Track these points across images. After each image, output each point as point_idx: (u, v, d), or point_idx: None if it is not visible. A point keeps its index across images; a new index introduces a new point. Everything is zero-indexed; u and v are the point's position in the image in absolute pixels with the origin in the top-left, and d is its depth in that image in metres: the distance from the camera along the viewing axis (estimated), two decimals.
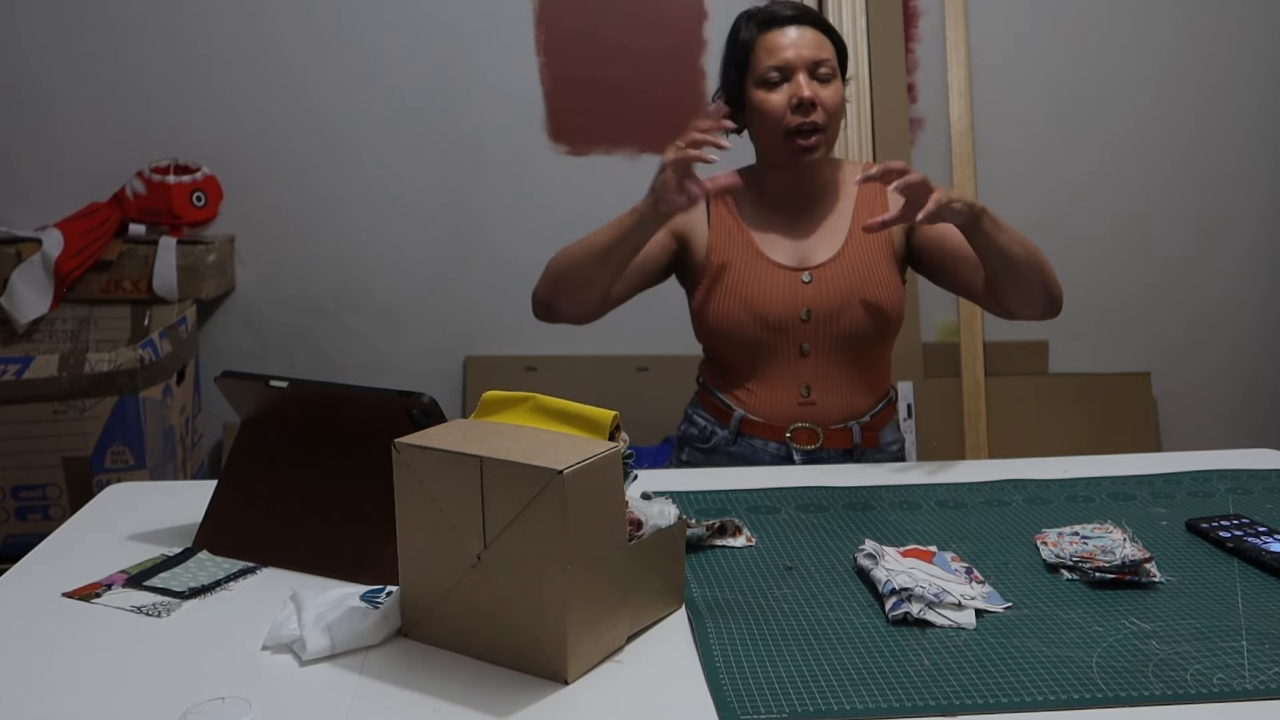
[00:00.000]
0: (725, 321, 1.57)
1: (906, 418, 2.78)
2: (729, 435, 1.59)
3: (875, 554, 1.08)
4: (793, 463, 1.56)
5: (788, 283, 1.56)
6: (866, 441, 1.58)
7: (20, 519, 2.33)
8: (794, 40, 1.51)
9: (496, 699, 0.87)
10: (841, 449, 1.57)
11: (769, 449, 1.57)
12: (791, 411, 1.56)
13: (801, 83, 1.50)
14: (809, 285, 1.55)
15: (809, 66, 1.51)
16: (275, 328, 2.85)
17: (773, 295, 1.55)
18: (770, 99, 1.52)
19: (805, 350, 1.56)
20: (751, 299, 1.56)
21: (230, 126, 2.76)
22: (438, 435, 0.96)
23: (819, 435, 1.55)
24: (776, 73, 1.51)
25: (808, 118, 1.50)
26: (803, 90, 1.49)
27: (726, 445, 1.59)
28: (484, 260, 2.84)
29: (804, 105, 1.49)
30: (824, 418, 1.56)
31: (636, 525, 0.99)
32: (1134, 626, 0.98)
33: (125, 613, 1.03)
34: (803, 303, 1.55)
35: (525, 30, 2.76)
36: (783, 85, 1.51)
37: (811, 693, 0.87)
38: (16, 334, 2.59)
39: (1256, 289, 2.98)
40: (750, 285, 1.57)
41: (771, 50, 1.52)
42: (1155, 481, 1.40)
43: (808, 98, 1.49)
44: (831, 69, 1.52)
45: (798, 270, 1.56)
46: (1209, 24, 2.85)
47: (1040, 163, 2.87)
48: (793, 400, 1.56)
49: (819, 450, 1.56)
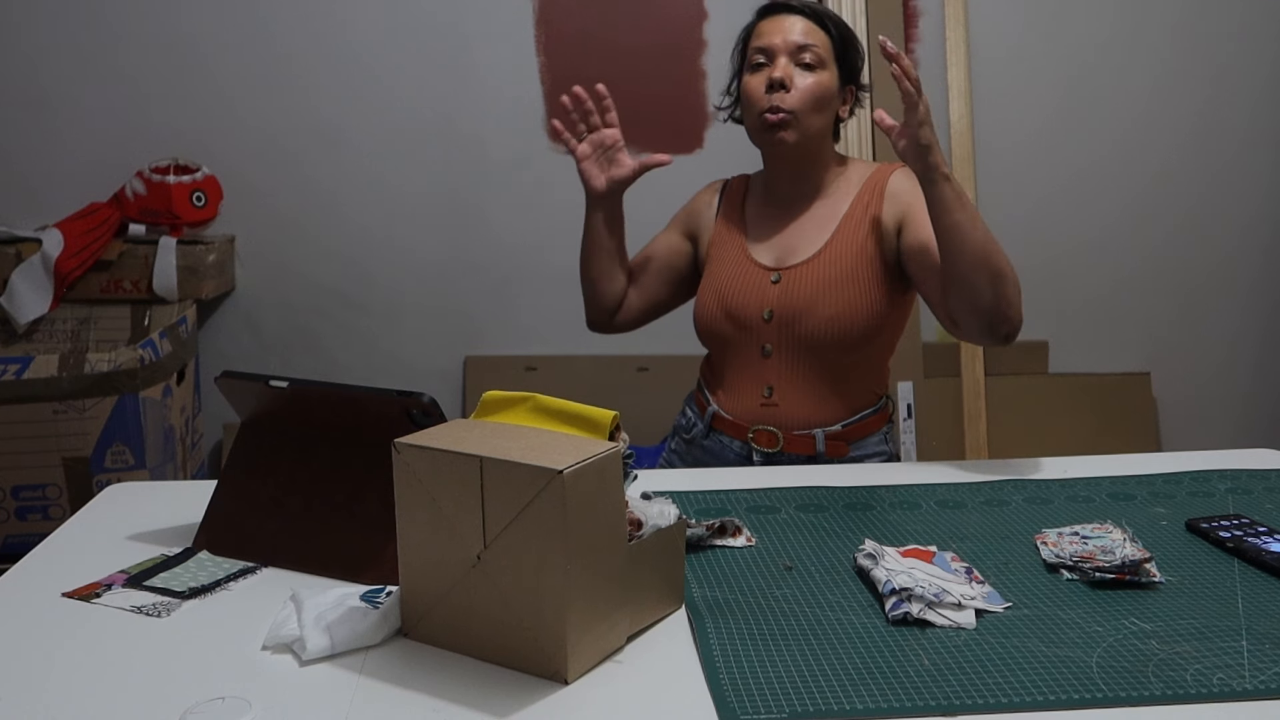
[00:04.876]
0: (702, 315, 1.61)
1: (907, 417, 2.78)
2: (703, 429, 1.61)
3: (875, 554, 1.08)
4: (754, 463, 1.56)
5: (757, 281, 1.56)
6: (832, 451, 1.55)
7: (20, 519, 2.33)
8: (782, 25, 1.52)
9: (496, 699, 0.87)
10: (804, 455, 1.54)
11: (734, 447, 1.58)
12: (755, 412, 1.56)
13: (779, 64, 1.50)
14: (776, 285, 1.54)
15: (791, 51, 1.50)
16: (275, 328, 2.85)
17: (742, 292, 1.56)
18: (751, 81, 1.53)
19: (767, 351, 1.55)
20: (724, 295, 1.58)
21: (230, 126, 2.76)
22: (438, 435, 0.96)
23: (779, 439, 1.55)
24: (761, 55, 1.52)
25: (773, 97, 1.49)
26: (775, 70, 1.49)
27: (701, 438, 1.62)
28: (484, 260, 2.84)
29: (773, 84, 1.49)
30: (785, 421, 1.55)
31: (636, 525, 0.99)
32: (1134, 626, 0.98)
33: (125, 613, 1.03)
34: (767, 303, 1.54)
35: (525, 30, 2.76)
36: (765, 68, 1.52)
37: (811, 693, 0.87)
38: (16, 334, 2.59)
39: (1257, 289, 2.98)
40: (725, 281, 1.58)
41: (760, 34, 1.54)
42: (1155, 481, 1.40)
43: (778, 77, 1.48)
44: (818, 57, 1.51)
45: (772, 269, 1.56)
46: (1207, 24, 2.85)
47: (1040, 163, 2.87)
48: (756, 400, 1.56)
49: (779, 454, 1.55)
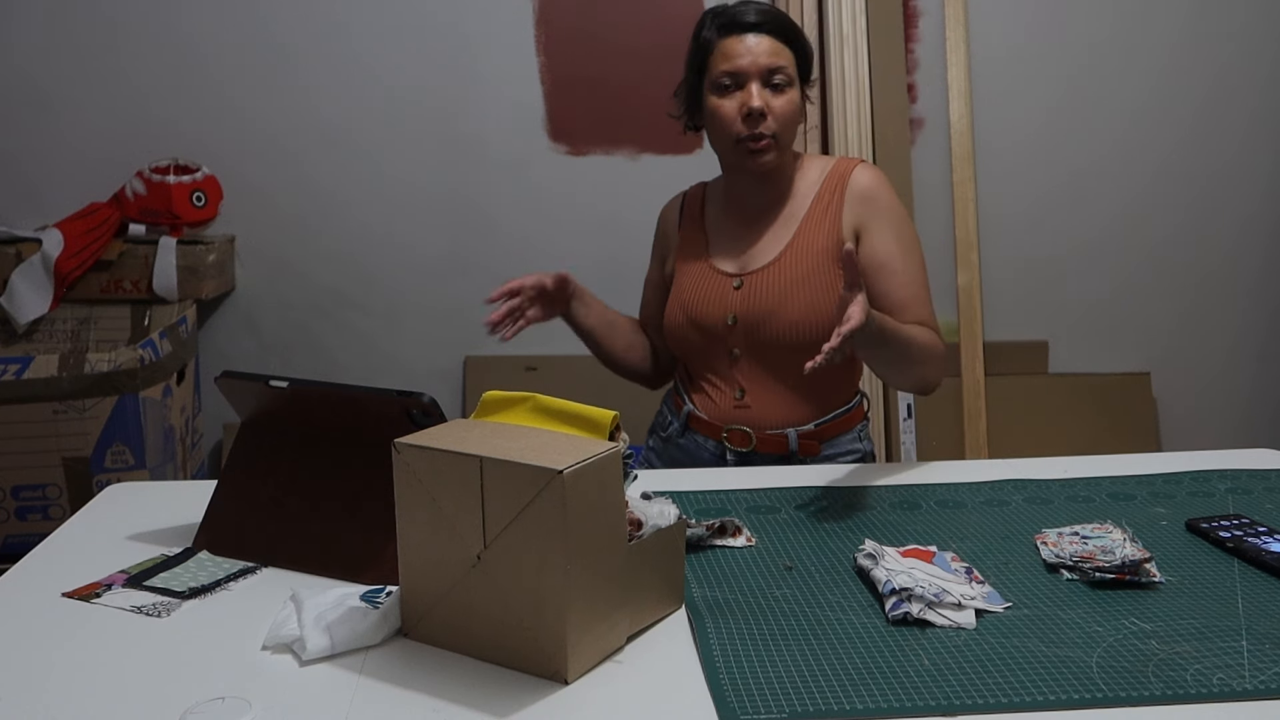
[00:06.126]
0: (669, 325, 1.64)
1: (906, 417, 2.78)
2: (679, 428, 1.63)
3: (875, 554, 1.08)
4: (728, 463, 1.58)
5: (719, 288, 1.57)
6: (805, 450, 1.56)
7: (20, 519, 2.33)
8: (750, 47, 1.50)
9: (496, 699, 0.87)
10: (777, 454, 1.56)
11: (708, 446, 1.60)
12: (728, 413, 1.58)
13: (753, 92, 1.49)
14: (738, 291, 1.56)
15: (762, 75, 1.49)
16: (275, 328, 2.85)
17: (704, 300, 1.58)
18: (723, 105, 1.52)
19: (736, 354, 1.57)
20: (689, 303, 1.60)
21: (230, 126, 2.76)
22: (438, 435, 0.96)
23: (752, 439, 1.56)
24: (730, 79, 1.51)
25: (756, 128, 1.49)
26: (753, 100, 1.48)
27: (676, 437, 1.64)
28: (484, 260, 2.84)
29: (753, 116, 1.49)
30: (758, 421, 1.56)
31: (636, 525, 0.99)
32: (1134, 626, 0.98)
33: (125, 613, 1.03)
34: (730, 308, 1.56)
35: (525, 30, 2.76)
36: (735, 92, 1.51)
37: (811, 693, 0.87)
38: (16, 334, 2.59)
39: (1257, 289, 2.98)
40: (689, 290, 1.61)
41: (727, 56, 1.51)
42: (1155, 481, 1.40)
43: (757, 108, 1.48)
44: (787, 77, 1.51)
45: (734, 276, 1.57)
46: (1208, 24, 2.85)
47: (1040, 163, 2.87)
48: (729, 402, 1.58)
49: (752, 453, 1.56)
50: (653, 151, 2.78)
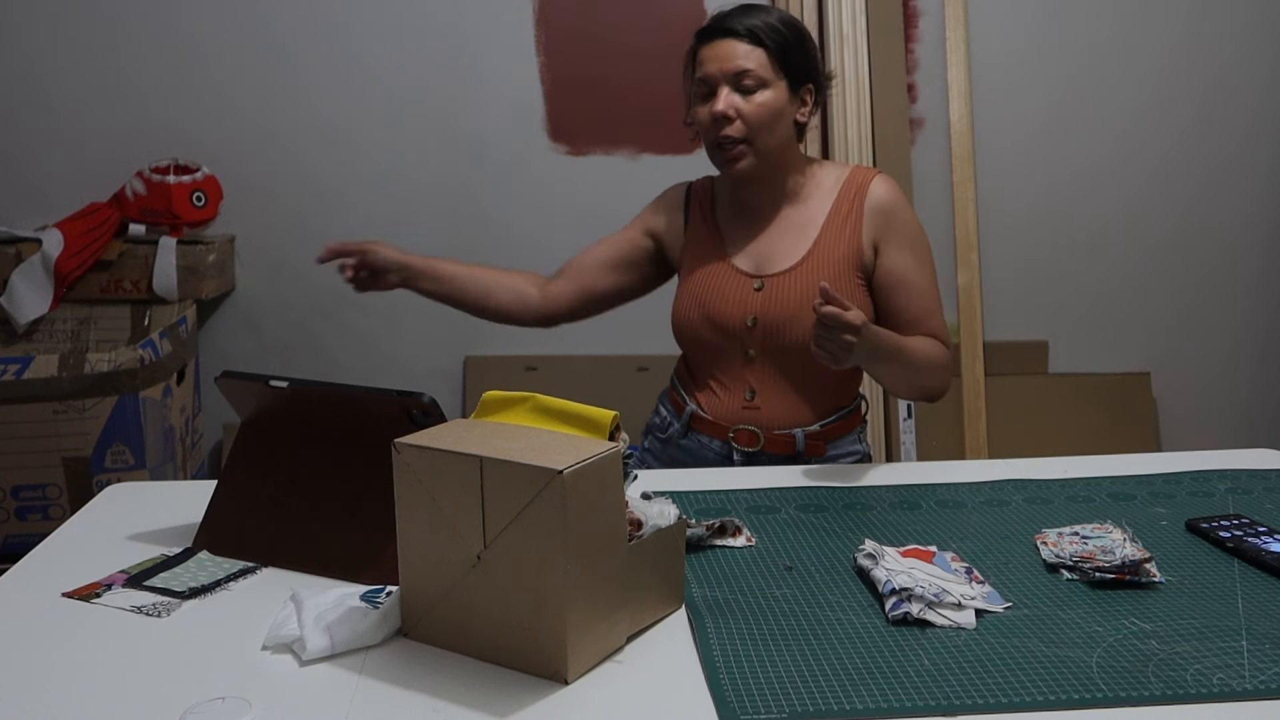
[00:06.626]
0: (680, 321, 1.62)
1: (907, 417, 2.78)
2: (680, 429, 1.62)
3: (875, 554, 1.08)
4: (734, 462, 1.58)
5: (740, 288, 1.57)
6: (811, 450, 1.57)
7: (20, 519, 2.33)
8: (717, 53, 1.51)
9: (496, 699, 0.87)
10: (783, 454, 1.57)
11: (713, 446, 1.60)
12: (736, 413, 1.58)
13: (720, 96, 1.50)
14: (760, 293, 1.56)
15: (729, 79, 1.50)
16: (275, 328, 2.85)
17: (724, 299, 1.57)
18: (699, 112, 1.54)
19: (751, 356, 1.57)
20: (705, 301, 1.59)
21: (230, 126, 2.76)
22: (438, 435, 0.96)
23: (760, 438, 1.56)
24: (703, 84, 1.53)
25: (723, 131, 1.50)
26: (717, 104, 1.50)
27: (678, 438, 1.63)
28: (484, 260, 2.81)
29: (718, 120, 1.50)
30: (766, 422, 1.56)
31: (636, 525, 0.99)
32: (1134, 626, 0.98)
33: (125, 613, 1.03)
34: (751, 310, 1.56)
35: (525, 30, 2.76)
36: (710, 98, 1.52)
37: (811, 693, 0.87)
38: (16, 334, 2.59)
39: (1257, 289, 2.98)
40: (706, 288, 1.60)
41: (700, 62, 1.54)
42: (1155, 481, 1.40)
43: (719, 111, 1.50)
44: (757, 79, 1.50)
45: (753, 277, 1.57)
46: (1208, 24, 2.85)
47: (1040, 163, 2.87)
48: (738, 403, 1.58)
49: (759, 453, 1.57)
50: (653, 151, 2.78)
